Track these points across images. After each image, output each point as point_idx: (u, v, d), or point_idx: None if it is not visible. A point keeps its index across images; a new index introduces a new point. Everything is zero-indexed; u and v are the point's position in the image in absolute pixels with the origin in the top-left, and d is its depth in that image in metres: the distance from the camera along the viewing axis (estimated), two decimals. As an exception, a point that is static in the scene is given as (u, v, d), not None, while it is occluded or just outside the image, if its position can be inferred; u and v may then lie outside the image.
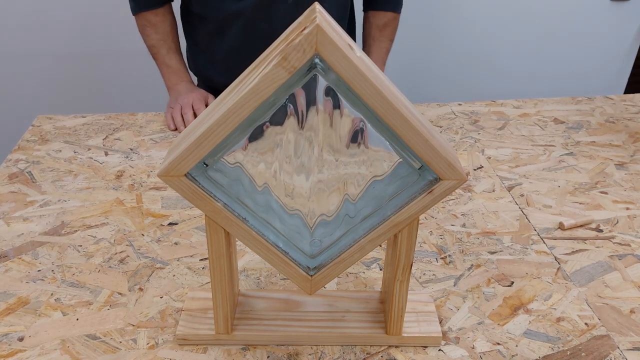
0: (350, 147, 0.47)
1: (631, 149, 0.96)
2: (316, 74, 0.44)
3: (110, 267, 0.68)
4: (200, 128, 0.46)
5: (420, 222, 0.77)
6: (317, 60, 0.43)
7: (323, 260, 0.53)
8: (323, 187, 0.50)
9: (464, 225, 0.76)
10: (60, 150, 0.92)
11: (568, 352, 0.58)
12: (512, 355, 0.57)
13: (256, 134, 0.47)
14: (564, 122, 1.05)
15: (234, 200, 0.50)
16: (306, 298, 0.61)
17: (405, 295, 0.55)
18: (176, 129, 0.99)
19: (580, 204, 0.82)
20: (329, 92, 0.45)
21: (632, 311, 0.63)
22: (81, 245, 0.71)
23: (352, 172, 0.49)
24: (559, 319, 0.62)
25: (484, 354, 0.57)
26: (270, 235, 0.52)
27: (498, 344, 0.58)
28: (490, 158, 0.93)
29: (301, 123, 0.46)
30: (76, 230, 0.73)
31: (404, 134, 0.45)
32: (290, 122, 0.46)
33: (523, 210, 0.80)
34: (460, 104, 1.12)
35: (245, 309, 0.60)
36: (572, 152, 0.95)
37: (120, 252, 0.70)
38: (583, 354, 0.58)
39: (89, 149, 0.93)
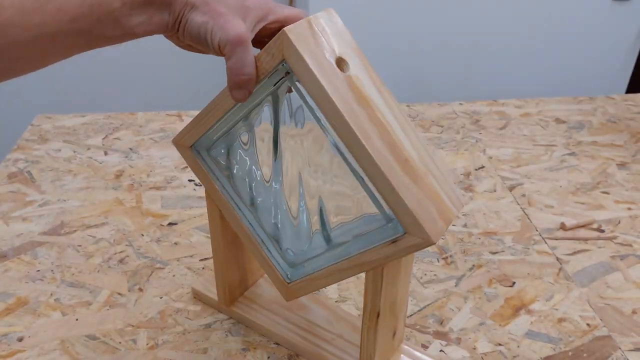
0: (322, 168, 0.44)
1: (633, 149, 0.96)
2: (284, 83, 0.41)
3: (109, 267, 0.67)
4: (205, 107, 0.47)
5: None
6: (284, 67, 0.40)
7: (299, 274, 0.51)
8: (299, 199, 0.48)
9: (465, 226, 0.76)
10: (60, 150, 0.92)
11: (570, 353, 0.57)
12: (514, 356, 0.57)
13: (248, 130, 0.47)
14: (566, 122, 1.05)
15: (230, 185, 0.50)
16: (312, 304, 0.60)
17: (372, 343, 0.50)
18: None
19: (582, 204, 0.81)
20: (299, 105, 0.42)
21: (634, 312, 0.63)
22: (80, 245, 0.71)
23: (325, 195, 0.45)
24: (560, 320, 0.61)
25: (486, 355, 0.57)
26: (259, 231, 0.51)
27: (500, 344, 0.58)
28: (491, 158, 0.93)
29: (296, 130, 0.44)
30: (75, 230, 0.73)
31: (370, 174, 0.40)
32: (266, 128, 0.45)
33: (525, 211, 0.79)
34: (461, 104, 1.11)
35: (257, 292, 0.60)
36: (573, 152, 0.95)
37: (120, 252, 0.70)
38: (585, 354, 0.57)
39: (89, 149, 0.92)
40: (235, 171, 0.50)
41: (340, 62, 0.40)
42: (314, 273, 0.49)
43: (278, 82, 0.41)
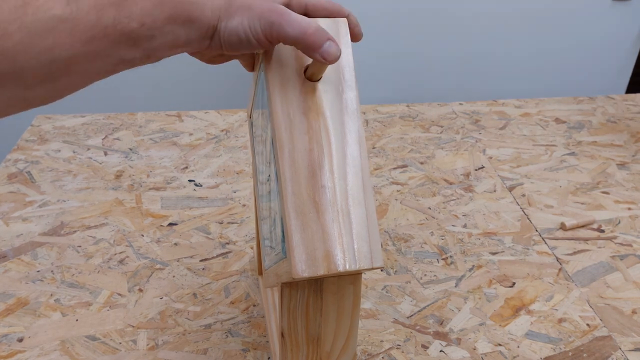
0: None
1: (633, 149, 0.96)
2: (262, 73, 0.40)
3: (109, 267, 0.67)
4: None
5: (421, 222, 0.76)
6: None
7: (270, 263, 0.47)
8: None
9: (465, 226, 0.76)
10: (60, 150, 0.92)
11: (570, 353, 0.57)
12: (514, 357, 0.57)
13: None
14: (566, 122, 1.05)
15: (258, 154, 0.50)
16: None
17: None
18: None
19: (581, 204, 0.81)
20: None
21: (633, 312, 0.63)
22: (80, 246, 0.71)
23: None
24: (560, 320, 0.61)
25: (486, 355, 0.57)
26: (264, 211, 0.49)
27: (500, 345, 0.58)
28: (491, 158, 0.93)
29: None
30: (75, 231, 0.73)
31: (278, 181, 0.38)
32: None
33: (524, 211, 0.79)
34: (461, 104, 1.11)
35: None
36: (573, 152, 0.95)
37: (120, 253, 0.70)
38: (585, 354, 0.57)
39: (88, 149, 0.92)
40: (255, 145, 0.51)
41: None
42: (272, 267, 0.45)
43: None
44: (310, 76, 0.38)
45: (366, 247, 0.37)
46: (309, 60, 0.39)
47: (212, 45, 0.38)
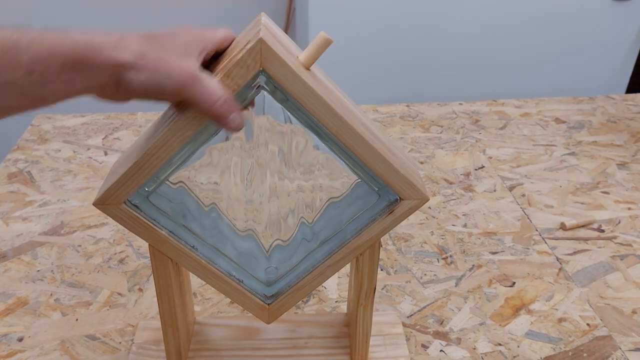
0: (304, 168, 0.44)
1: (633, 149, 0.96)
2: (262, 92, 0.40)
3: (109, 267, 0.67)
4: (140, 151, 0.42)
5: (421, 222, 0.76)
6: (262, 77, 0.39)
7: (280, 288, 0.50)
8: (277, 211, 0.47)
9: (465, 226, 0.76)
10: (60, 150, 0.92)
11: (570, 353, 0.57)
12: (514, 356, 0.57)
13: (201, 154, 0.43)
14: (566, 122, 1.05)
15: (179, 227, 0.46)
16: (267, 325, 0.56)
17: (369, 320, 0.52)
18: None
19: (581, 204, 0.81)
20: (277, 110, 0.42)
21: (633, 311, 0.63)
22: (80, 246, 0.71)
23: (307, 194, 0.46)
24: (560, 320, 0.61)
25: (486, 355, 0.57)
26: (221, 263, 0.48)
27: (500, 344, 0.58)
28: (491, 158, 0.93)
29: (248, 144, 0.43)
30: (75, 231, 0.73)
31: (360, 153, 0.42)
32: (237, 143, 0.43)
33: (524, 211, 0.79)
34: (461, 104, 1.11)
35: (201, 339, 0.56)
36: (573, 152, 0.95)
37: (120, 252, 0.70)
38: (585, 354, 0.57)
39: (88, 149, 0.92)
40: (191, 206, 0.46)
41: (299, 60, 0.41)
42: (301, 281, 0.48)
43: (252, 93, 0.41)
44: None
45: (413, 164, 0.47)
46: (298, 52, 0.42)
47: (119, 93, 0.37)
